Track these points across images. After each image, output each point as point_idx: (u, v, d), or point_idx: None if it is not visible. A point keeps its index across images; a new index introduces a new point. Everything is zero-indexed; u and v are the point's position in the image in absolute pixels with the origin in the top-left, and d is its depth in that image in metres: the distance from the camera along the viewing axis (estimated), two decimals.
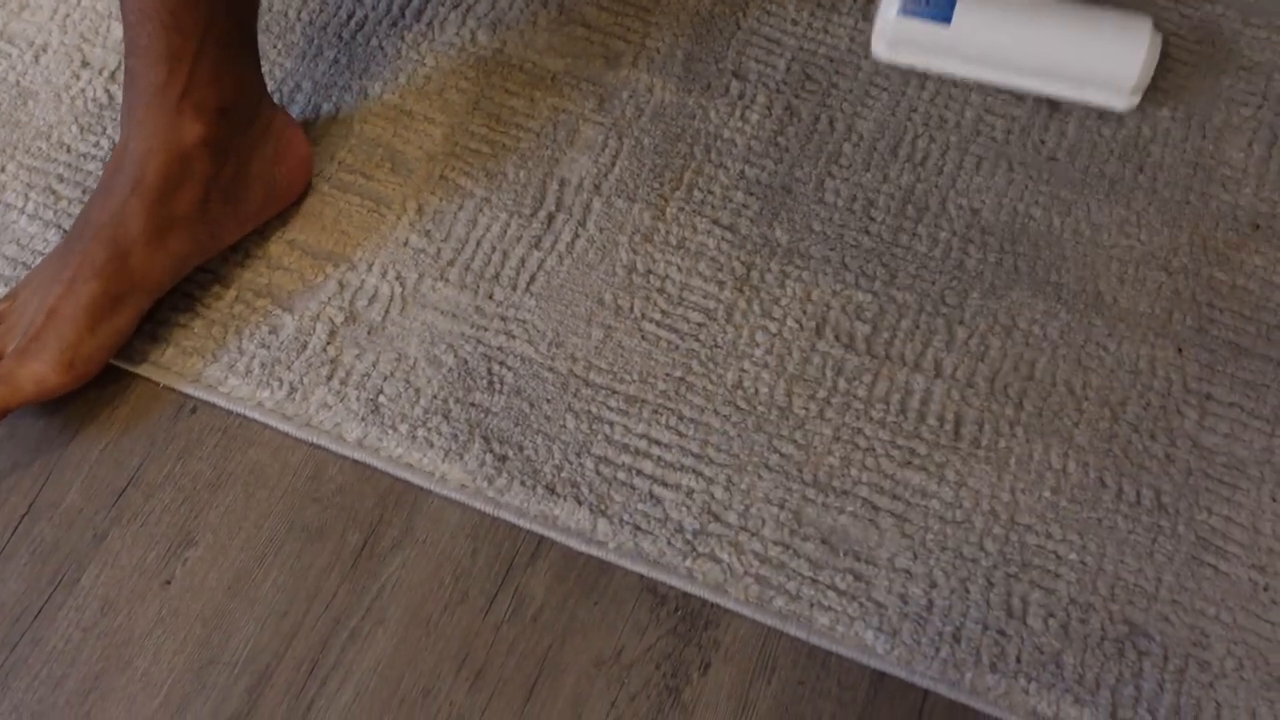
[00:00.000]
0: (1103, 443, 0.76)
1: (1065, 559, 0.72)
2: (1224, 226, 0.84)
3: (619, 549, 0.72)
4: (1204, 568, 0.72)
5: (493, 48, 0.89)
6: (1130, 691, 0.68)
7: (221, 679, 0.68)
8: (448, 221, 0.82)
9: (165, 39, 0.71)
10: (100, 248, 0.73)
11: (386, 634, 0.70)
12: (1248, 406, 0.77)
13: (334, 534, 0.72)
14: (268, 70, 0.88)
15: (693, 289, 0.80)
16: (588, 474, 0.73)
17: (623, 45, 0.90)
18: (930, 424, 0.76)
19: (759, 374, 0.77)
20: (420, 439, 0.74)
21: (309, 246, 0.81)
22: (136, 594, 0.70)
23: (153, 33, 0.71)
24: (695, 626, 0.70)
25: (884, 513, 0.73)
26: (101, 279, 0.73)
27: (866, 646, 0.69)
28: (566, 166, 0.84)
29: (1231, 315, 0.80)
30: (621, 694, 0.68)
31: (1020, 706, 0.68)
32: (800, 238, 0.82)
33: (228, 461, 0.75)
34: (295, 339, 0.77)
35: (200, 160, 0.75)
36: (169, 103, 0.73)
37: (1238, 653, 0.70)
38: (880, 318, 0.79)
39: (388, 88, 0.87)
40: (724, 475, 0.74)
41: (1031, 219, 0.83)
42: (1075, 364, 0.78)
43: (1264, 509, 0.74)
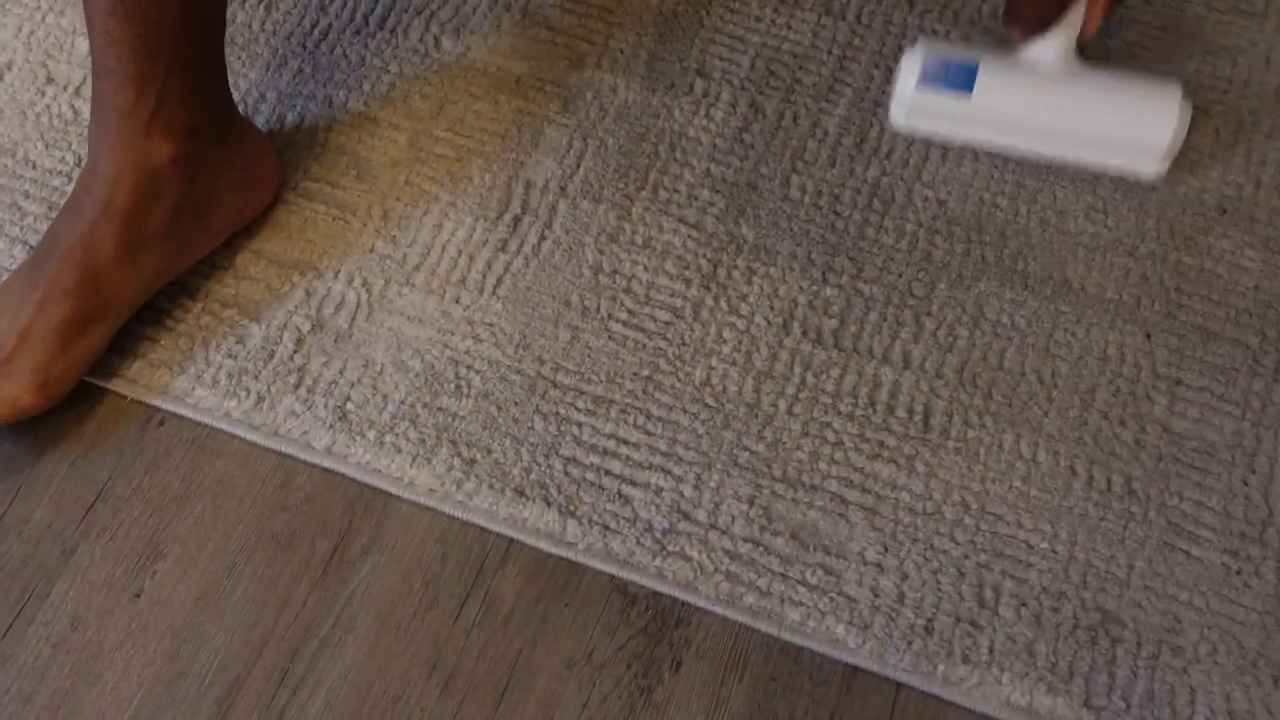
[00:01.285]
0: (1073, 430, 0.75)
1: (1037, 548, 0.72)
2: (1191, 211, 0.83)
3: (589, 549, 0.71)
4: (1176, 553, 0.72)
5: (456, 53, 0.89)
6: (1104, 679, 0.68)
7: (192, 691, 0.68)
8: (413, 227, 0.82)
9: (134, 61, 0.71)
10: (71, 268, 0.73)
11: (357, 641, 0.70)
12: (1217, 391, 0.77)
13: (303, 542, 0.72)
14: (233, 81, 0.88)
15: (659, 288, 0.80)
16: (556, 475, 0.73)
17: (586, 47, 0.90)
18: (899, 416, 0.76)
19: (727, 371, 0.77)
20: (388, 445, 0.74)
21: (275, 256, 0.81)
22: (106, 608, 0.70)
23: (120, 55, 0.71)
24: (666, 625, 0.70)
25: (854, 506, 0.73)
26: (73, 300, 0.73)
27: (838, 641, 0.69)
28: (531, 169, 0.84)
29: (1200, 300, 0.80)
30: (593, 695, 0.68)
31: (994, 697, 0.68)
32: (766, 234, 0.82)
33: (196, 473, 0.74)
34: (262, 348, 0.77)
35: (171, 180, 0.75)
36: (138, 124, 0.73)
37: (1211, 637, 0.69)
38: (847, 311, 0.79)
39: (352, 96, 0.87)
40: (693, 473, 0.73)
41: (998, 208, 0.83)
42: (1044, 352, 0.78)
43: (1235, 493, 0.74)
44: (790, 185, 0.84)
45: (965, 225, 0.83)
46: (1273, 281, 0.81)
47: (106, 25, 0.71)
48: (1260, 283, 0.81)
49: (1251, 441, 0.75)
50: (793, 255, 0.81)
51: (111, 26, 0.71)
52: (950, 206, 0.83)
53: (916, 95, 0.82)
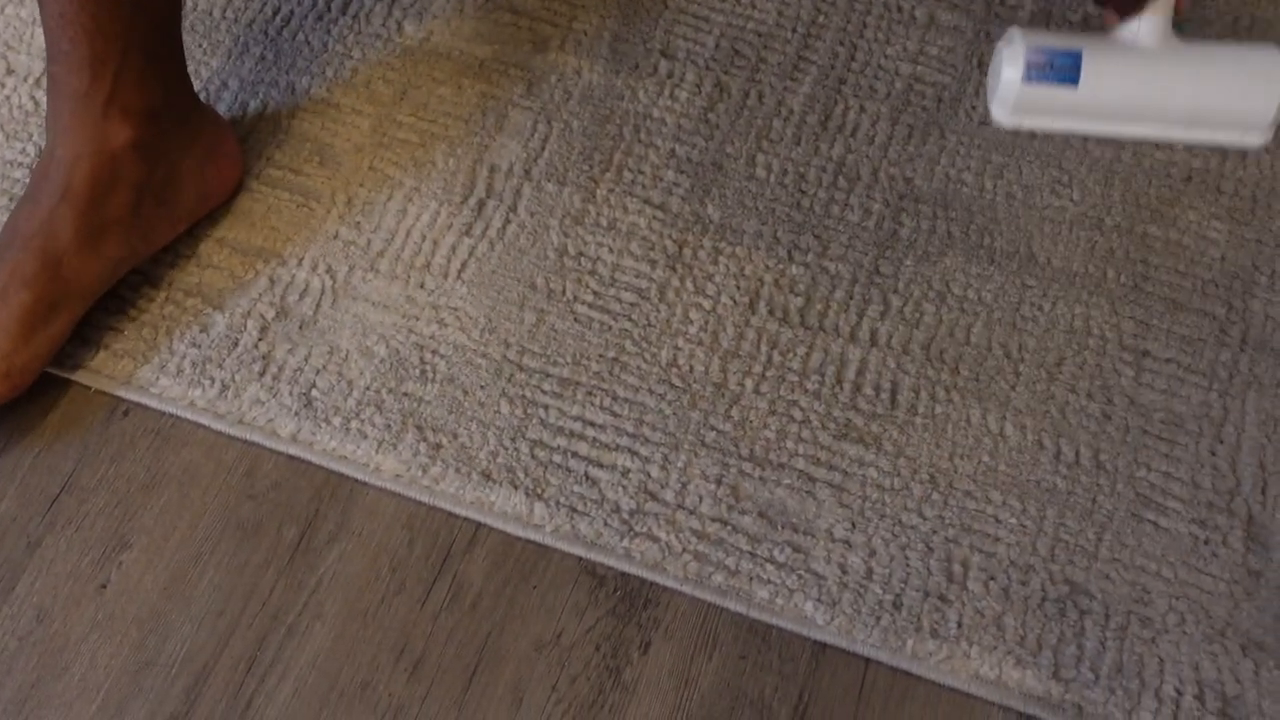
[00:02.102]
0: (1040, 404, 0.75)
1: (1005, 522, 0.72)
2: (1157, 182, 0.83)
3: (556, 532, 0.71)
4: (1144, 524, 0.72)
5: (419, 37, 0.89)
6: (1072, 651, 0.68)
7: (159, 681, 0.68)
8: (377, 213, 0.81)
9: (88, 44, 0.71)
10: (31, 257, 0.73)
11: (324, 628, 0.69)
12: (1184, 361, 0.77)
13: (270, 530, 0.72)
14: (194, 69, 0.87)
15: (625, 269, 0.79)
16: (523, 458, 0.73)
17: (550, 29, 0.89)
18: (866, 394, 0.76)
19: (693, 351, 0.77)
20: (354, 431, 0.74)
21: (239, 244, 0.80)
22: (72, 600, 0.70)
23: (74, 38, 0.71)
24: (635, 606, 0.70)
25: (821, 484, 0.73)
26: (34, 288, 0.72)
27: (806, 618, 0.69)
28: (496, 153, 0.84)
29: (1166, 271, 0.80)
30: (562, 677, 0.68)
31: (962, 671, 0.68)
32: (732, 214, 0.82)
33: (161, 463, 0.74)
34: (226, 337, 0.77)
35: (130, 164, 0.74)
36: (95, 108, 0.72)
37: (1179, 607, 0.69)
38: (814, 290, 0.79)
39: (315, 82, 0.87)
40: (660, 454, 0.73)
41: (964, 184, 0.83)
42: (1010, 327, 0.78)
43: (1203, 463, 0.74)
44: (755, 164, 0.84)
45: (931, 202, 0.82)
46: (1239, 252, 0.81)
47: (60, 7, 0.70)
48: (1226, 253, 0.81)
49: (1219, 412, 0.75)
50: (758, 234, 0.81)
51: (65, 8, 0.70)
52: (916, 183, 0.83)
53: (1023, 92, 0.78)
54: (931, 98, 0.86)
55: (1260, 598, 0.70)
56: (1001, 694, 0.67)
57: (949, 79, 0.87)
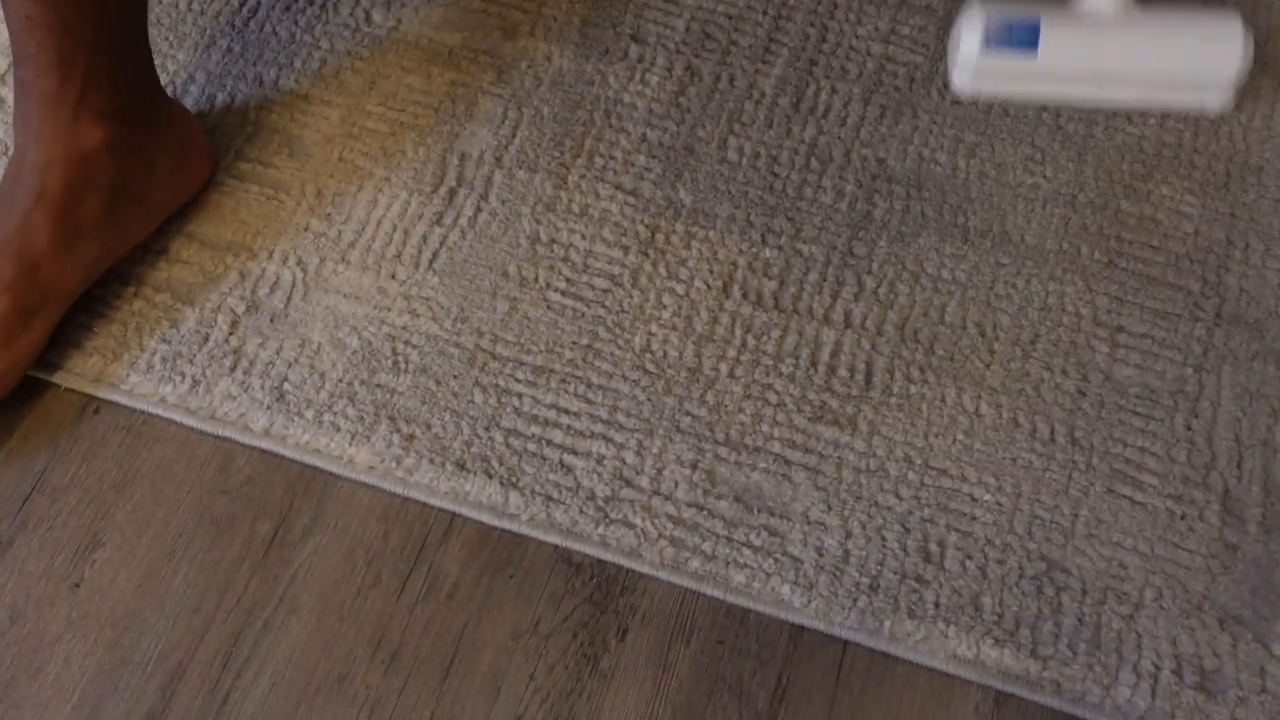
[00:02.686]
0: (1015, 382, 0.75)
1: (981, 500, 0.72)
2: (1129, 158, 0.83)
3: (531, 521, 0.71)
4: (1120, 500, 0.72)
5: (387, 26, 0.88)
6: (1049, 628, 0.68)
7: (135, 679, 0.67)
8: (347, 204, 0.81)
9: (55, 46, 0.70)
10: (7, 263, 0.72)
11: (300, 622, 0.69)
12: (1159, 336, 0.77)
13: (244, 525, 0.72)
14: (160, 63, 0.86)
15: (597, 255, 0.79)
16: (497, 447, 0.73)
17: (519, 15, 0.89)
18: (841, 375, 0.75)
19: (667, 336, 0.76)
20: (327, 424, 0.73)
21: (208, 238, 0.80)
22: (45, 599, 0.70)
23: (41, 40, 0.70)
24: (611, 593, 0.70)
25: (797, 467, 0.72)
26: (12, 294, 0.72)
27: (784, 601, 0.69)
28: (466, 141, 0.83)
29: (1140, 247, 0.80)
30: (540, 665, 0.68)
31: (940, 651, 0.68)
32: (704, 198, 0.81)
33: (133, 460, 0.74)
34: (196, 332, 0.76)
35: (103, 165, 0.74)
36: (65, 110, 0.72)
37: (1156, 582, 0.69)
38: (787, 272, 0.79)
39: (283, 74, 0.86)
40: (634, 440, 0.73)
41: (937, 164, 0.83)
42: (985, 305, 0.78)
43: (1178, 437, 0.74)
44: (728, 148, 0.83)
45: (904, 182, 0.82)
46: (1212, 226, 0.81)
47: (25, 9, 0.69)
48: (1200, 228, 0.81)
49: (1194, 386, 0.75)
50: (731, 218, 0.81)
51: (30, 10, 0.69)
52: (889, 164, 0.83)
53: (982, 59, 0.80)
54: (904, 77, 0.86)
55: (1237, 571, 0.70)
56: (979, 673, 0.67)
57: (921, 58, 0.87)
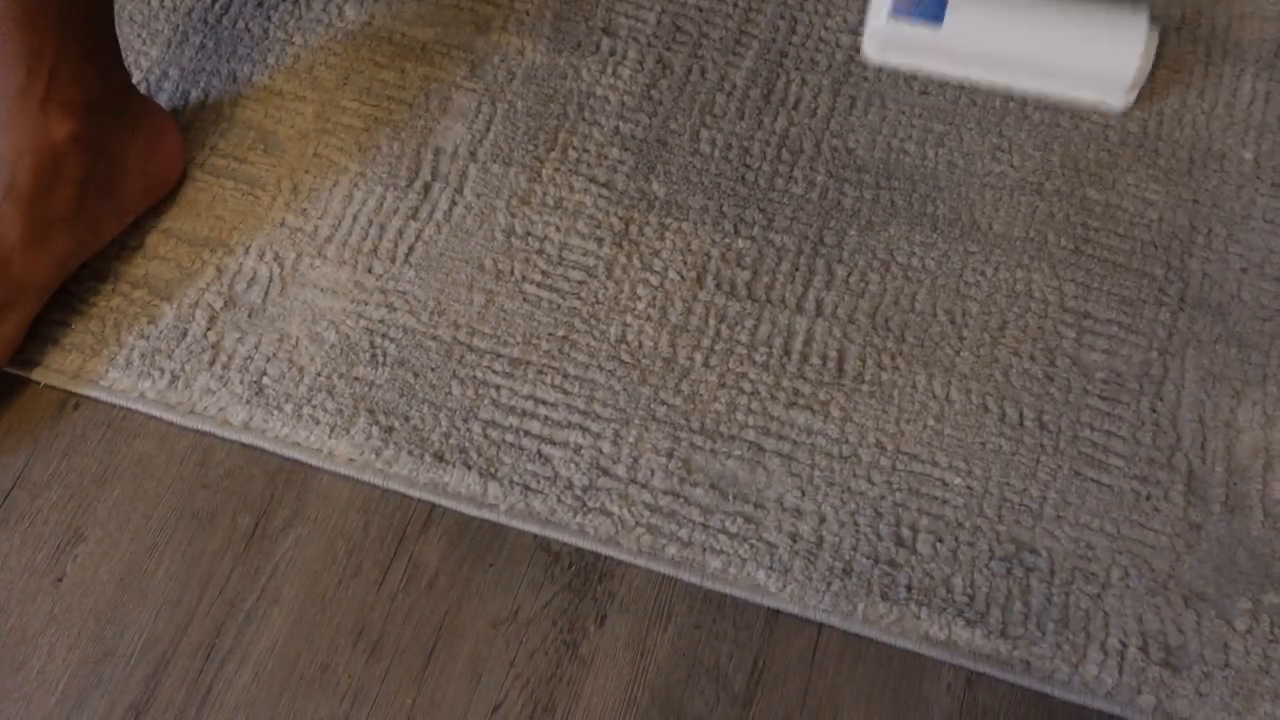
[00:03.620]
0: (984, 368, 0.77)
1: (951, 485, 0.73)
2: (1095, 146, 0.85)
3: (510, 510, 0.72)
4: (1087, 482, 0.73)
5: (360, 21, 0.89)
6: (1019, 608, 0.70)
7: (118, 671, 0.68)
8: (323, 199, 0.82)
9: (22, 38, 0.70)
10: None
11: (282, 613, 0.70)
12: (1124, 322, 0.78)
13: (225, 518, 0.72)
14: (133, 59, 0.87)
15: (572, 248, 0.80)
16: (476, 438, 0.74)
17: (492, 10, 0.89)
18: (813, 363, 0.76)
19: (642, 327, 0.77)
20: (306, 417, 0.74)
21: (185, 234, 0.80)
22: (27, 594, 0.70)
23: (7, 33, 0.70)
24: (590, 580, 0.71)
25: (771, 454, 0.74)
26: None
27: (759, 586, 0.70)
28: (440, 135, 0.84)
29: (1106, 234, 0.81)
30: (520, 652, 0.69)
31: (913, 632, 0.69)
32: (677, 189, 0.82)
33: (114, 455, 0.74)
34: (175, 327, 0.77)
35: (72, 158, 0.74)
36: (33, 102, 0.72)
37: (1123, 562, 0.71)
38: (760, 262, 0.80)
39: (257, 69, 0.87)
40: (611, 429, 0.74)
41: (905, 153, 0.84)
42: (954, 293, 0.79)
43: (1144, 420, 0.75)
44: (699, 140, 0.84)
45: (874, 172, 0.83)
46: (1176, 213, 0.82)
47: None
48: (1164, 215, 0.82)
49: (1159, 370, 0.77)
50: (704, 209, 0.82)
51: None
52: (859, 154, 0.84)
53: (889, 27, 0.83)
54: (872, 69, 0.87)
55: (1201, 550, 0.71)
56: (951, 653, 0.68)
57: None
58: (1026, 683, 0.68)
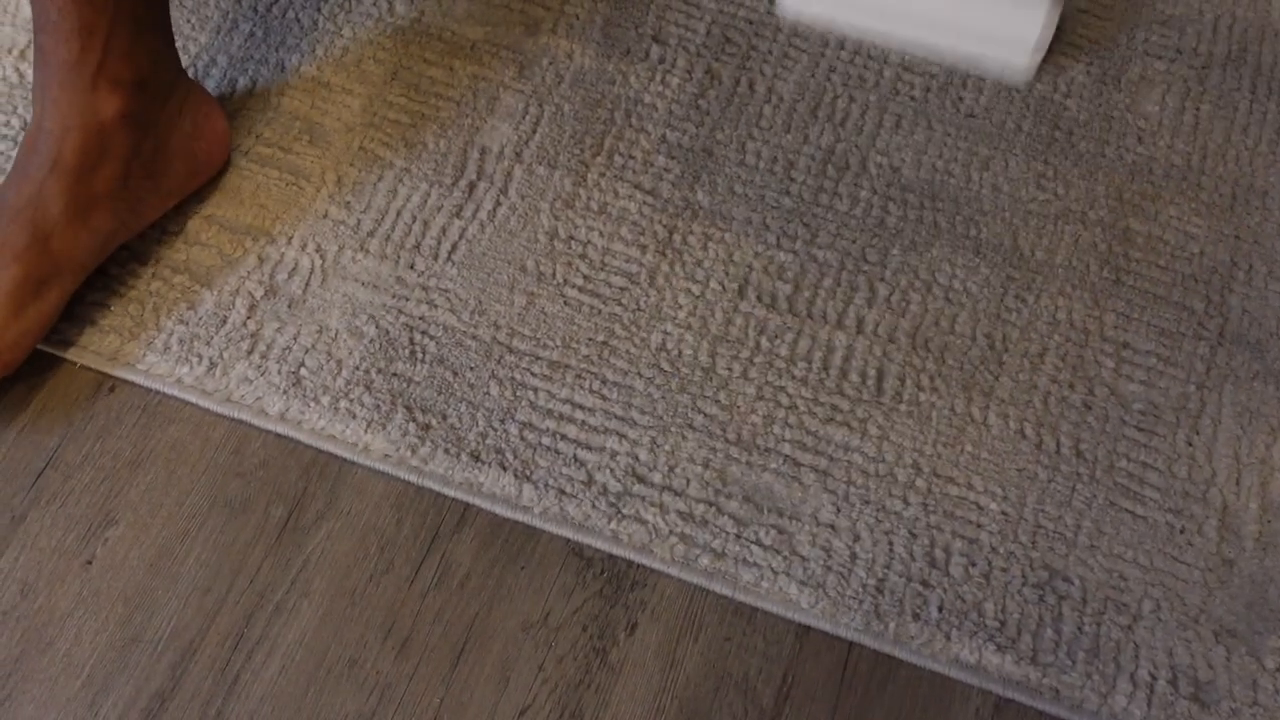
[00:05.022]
0: (1023, 394, 0.77)
1: (986, 509, 0.73)
2: (1139, 178, 0.85)
3: (544, 514, 0.72)
4: (1121, 513, 0.73)
5: (410, 17, 0.89)
6: (1050, 635, 0.69)
7: (145, 657, 0.68)
8: (367, 193, 0.81)
9: (76, 13, 0.70)
10: (20, 231, 0.72)
11: (311, 606, 0.69)
12: (1163, 354, 0.78)
13: (257, 508, 0.72)
14: (182, 45, 0.86)
15: (615, 254, 0.80)
16: (512, 440, 0.73)
17: (542, 12, 0.89)
18: (852, 380, 0.76)
19: (682, 336, 0.77)
20: (343, 410, 0.74)
21: (227, 221, 0.80)
22: (57, 575, 0.70)
23: (62, 7, 0.70)
24: (621, 588, 0.71)
25: (807, 469, 0.73)
26: (23, 263, 0.72)
27: (791, 601, 0.70)
28: (487, 135, 0.84)
29: (1147, 265, 0.81)
30: (549, 657, 0.69)
31: (943, 655, 0.69)
32: (722, 200, 0.82)
33: (148, 439, 0.74)
34: (214, 314, 0.77)
35: (119, 136, 0.74)
36: (83, 79, 0.72)
37: (1155, 595, 0.71)
38: (802, 277, 0.80)
39: (305, 60, 0.87)
40: (648, 437, 0.74)
41: (951, 175, 0.84)
42: (995, 317, 0.79)
43: (1179, 453, 0.75)
44: (745, 151, 0.84)
45: (919, 192, 0.83)
46: (1217, 247, 0.82)
47: None
48: (1205, 248, 0.82)
49: (1196, 404, 0.77)
50: (748, 221, 0.82)
51: None
52: (904, 173, 0.84)
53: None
54: (920, 88, 0.87)
55: (1233, 586, 0.71)
56: (981, 677, 0.68)
57: (937, 69, 0.88)
58: (1055, 711, 0.67)
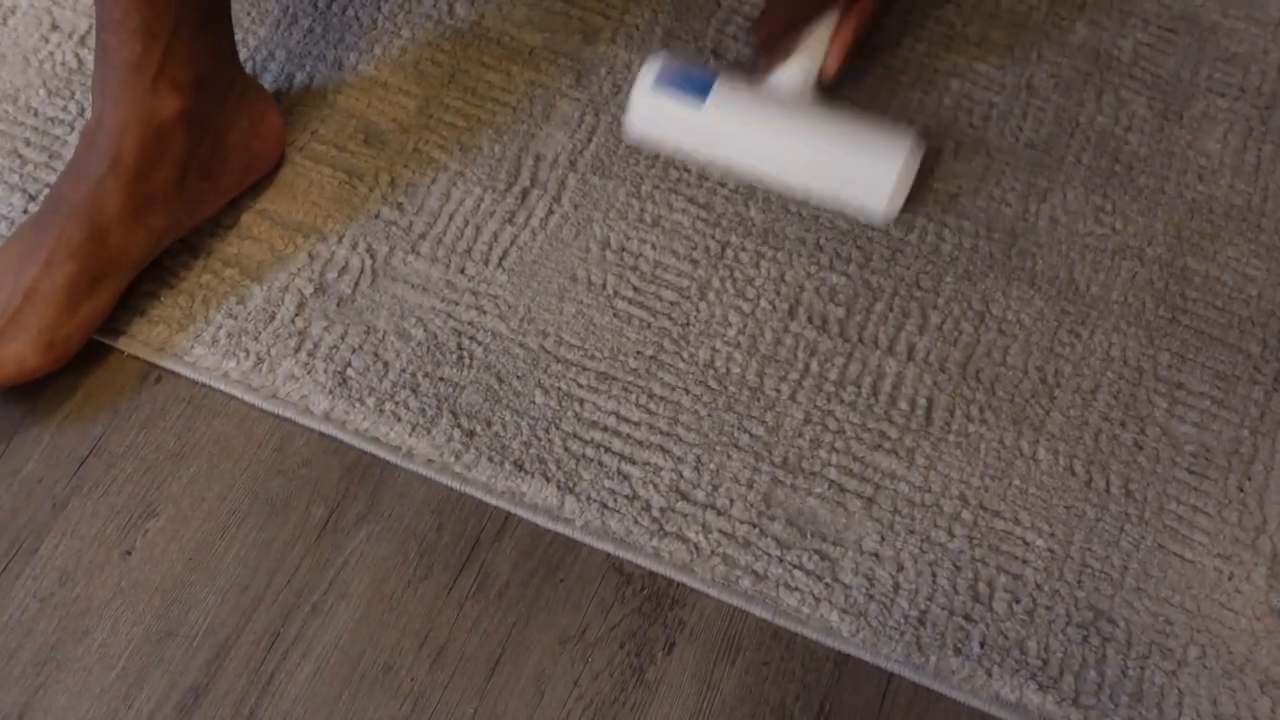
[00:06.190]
0: (1074, 430, 0.76)
1: (1033, 545, 0.72)
2: (1199, 217, 0.84)
3: (586, 527, 0.71)
4: (1170, 556, 0.72)
5: (470, 20, 0.88)
6: (1093, 677, 0.68)
7: (180, 651, 0.67)
8: (420, 195, 0.81)
9: (139, 13, 0.70)
10: (77, 228, 0.72)
11: (349, 609, 0.69)
12: (1217, 397, 0.77)
13: (298, 507, 0.72)
14: (241, 39, 0.86)
15: (666, 267, 0.79)
16: (556, 450, 0.73)
17: (602, 21, 0.89)
18: (901, 408, 0.76)
19: (731, 354, 0.77)
20: (388, 413, 0.73)
21: (279, 217, 0.80)
22: (95, 564, 0.70)
23: (127, 7, 0.70)
24: (660, 605, 0.70)
25: (852, 495, 0.73)
26: (79, 259, 0.72)
27: (832, 628, 0.69)
28: (542, 142, 0.83)
29: (1204, 306, 0.80)
30: (585, 672, 0.68)
31: (983, 691, 0.68)
32: (775, 218, 0.82)
33: (192, 432, 0.74)
34: (263, 309, 0.76)
35: (177, 136, 0.74)
36: (145, 78, 0.72)
37: (1200, 641, 0.70)
38: (854, 301, 0.79)
39: (363, 59, 0.86)
40: (693, 454, 0.73)
41: (1007, 205, 0.83)
42: (1048, 351, 0.78)
43: (1230, 499, 0.74)
44: None
45: (974, 220, 0.82)
46: (1275, 290, 0.81)
47: None
48: (1263, 291, 0.81)
49: (1249, 449, 0.76)
50: (801, 240, 0.81)
51: None
52: (960, 201, 0.83)
53: (649, 98, 0.80)
54: (979, 116, 0.86)
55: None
56: (1021, 716, 0.67)
57: (997, 97, 0.87)
58: None
